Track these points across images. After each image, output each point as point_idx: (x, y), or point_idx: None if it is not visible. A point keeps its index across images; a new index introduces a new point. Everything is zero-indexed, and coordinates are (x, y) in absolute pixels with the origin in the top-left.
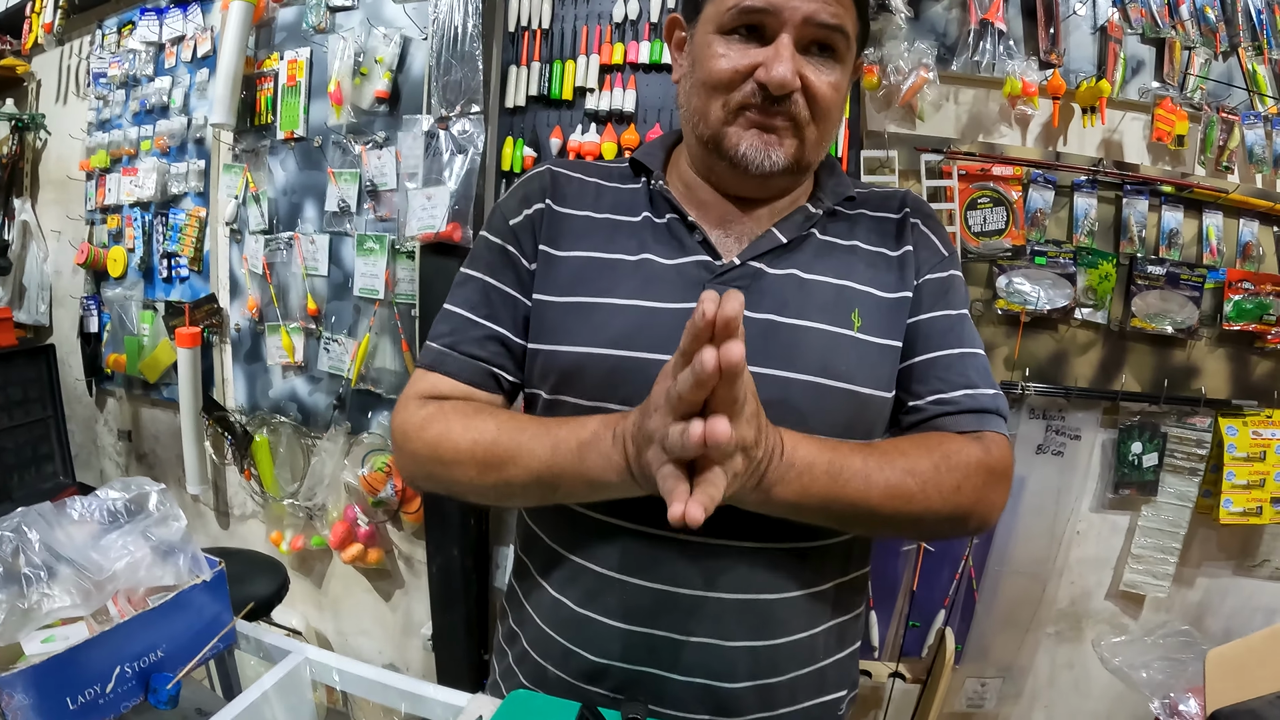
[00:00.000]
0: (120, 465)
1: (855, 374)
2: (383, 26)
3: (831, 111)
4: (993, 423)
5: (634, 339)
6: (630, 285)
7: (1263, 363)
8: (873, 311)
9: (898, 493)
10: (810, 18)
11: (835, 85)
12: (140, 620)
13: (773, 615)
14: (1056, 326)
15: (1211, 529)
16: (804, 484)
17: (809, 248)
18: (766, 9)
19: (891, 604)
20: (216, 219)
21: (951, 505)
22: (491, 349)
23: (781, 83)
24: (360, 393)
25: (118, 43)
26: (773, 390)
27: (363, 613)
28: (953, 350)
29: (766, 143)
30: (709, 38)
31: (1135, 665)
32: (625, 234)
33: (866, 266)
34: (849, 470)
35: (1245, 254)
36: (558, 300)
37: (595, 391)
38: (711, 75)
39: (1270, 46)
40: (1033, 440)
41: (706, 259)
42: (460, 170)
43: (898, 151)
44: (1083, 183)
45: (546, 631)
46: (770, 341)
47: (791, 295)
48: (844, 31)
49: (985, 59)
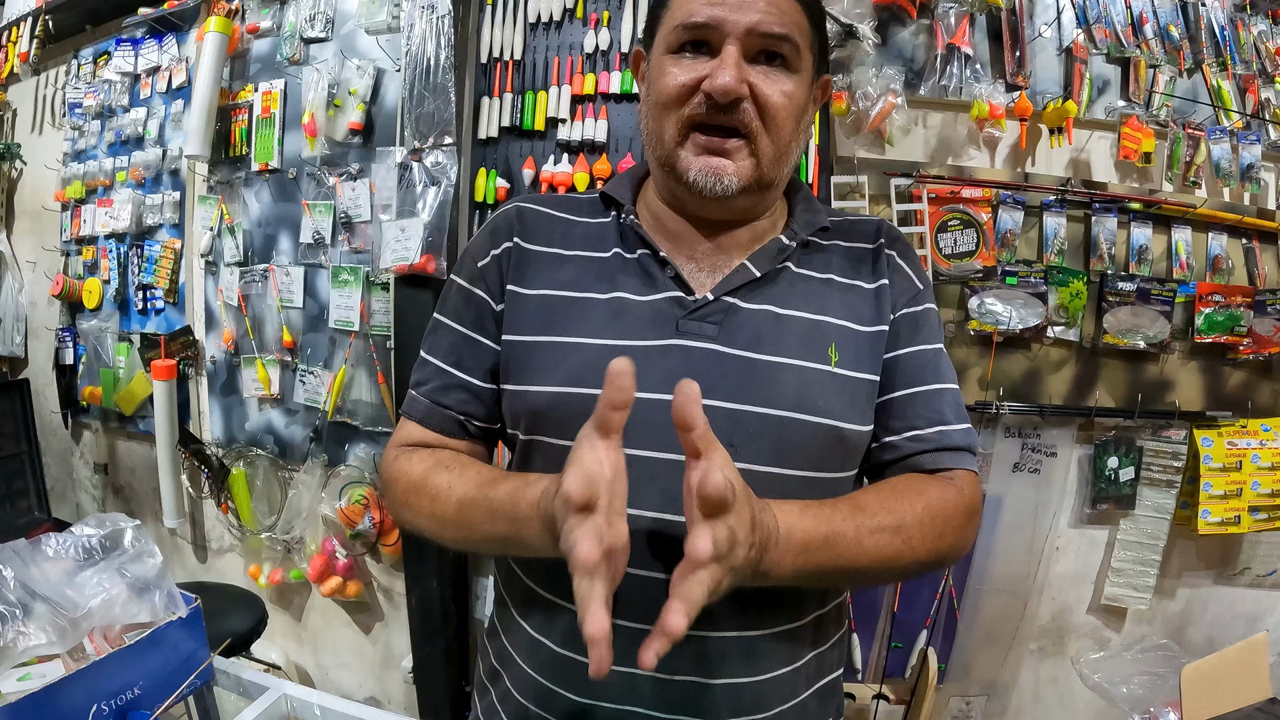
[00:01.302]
0: (96, 499)
1: (833, 409)
2: (356, 58)
3: (784, 120)
4: (964, 460)
5: None
6: (602, 323)
7: (1235, 374)
8: (849, 345)
9: (887, 553)
10: (754, 28)
11: (787, 94)
12: (117, 658)
13: (754, 652)
14: (1029, 345)
15: (1190, 540)
16: (801, 563)
17: (783, 281)
18: (708, 24)
19: (873, 626)
20: (192, 251)
21: (934, 553)
22: (458, 397)
23: (724, 89)
24: (337, 425)
25: (93, 73)
26: (748, 426)
27: (343, 646)
28: (928, 386)
29: (717, 168)
30: (661, 59)
31: (1115, 681)
32: (595, 271)
33: (842, 300)
34: (843, 541)
35: (1215, 267)
36: (527, 340)
37: (567, 432)
38: (662, 93)
39: (1234, 62)
40: (1009, 458)
41: (679, 295)
42: (434, 202)
43: (868, 176)
44: (1051, 202)
45: (528, 672)
46: (747, 378)
47: (767, 331)
48: (791, 40)
49: (952, 83)
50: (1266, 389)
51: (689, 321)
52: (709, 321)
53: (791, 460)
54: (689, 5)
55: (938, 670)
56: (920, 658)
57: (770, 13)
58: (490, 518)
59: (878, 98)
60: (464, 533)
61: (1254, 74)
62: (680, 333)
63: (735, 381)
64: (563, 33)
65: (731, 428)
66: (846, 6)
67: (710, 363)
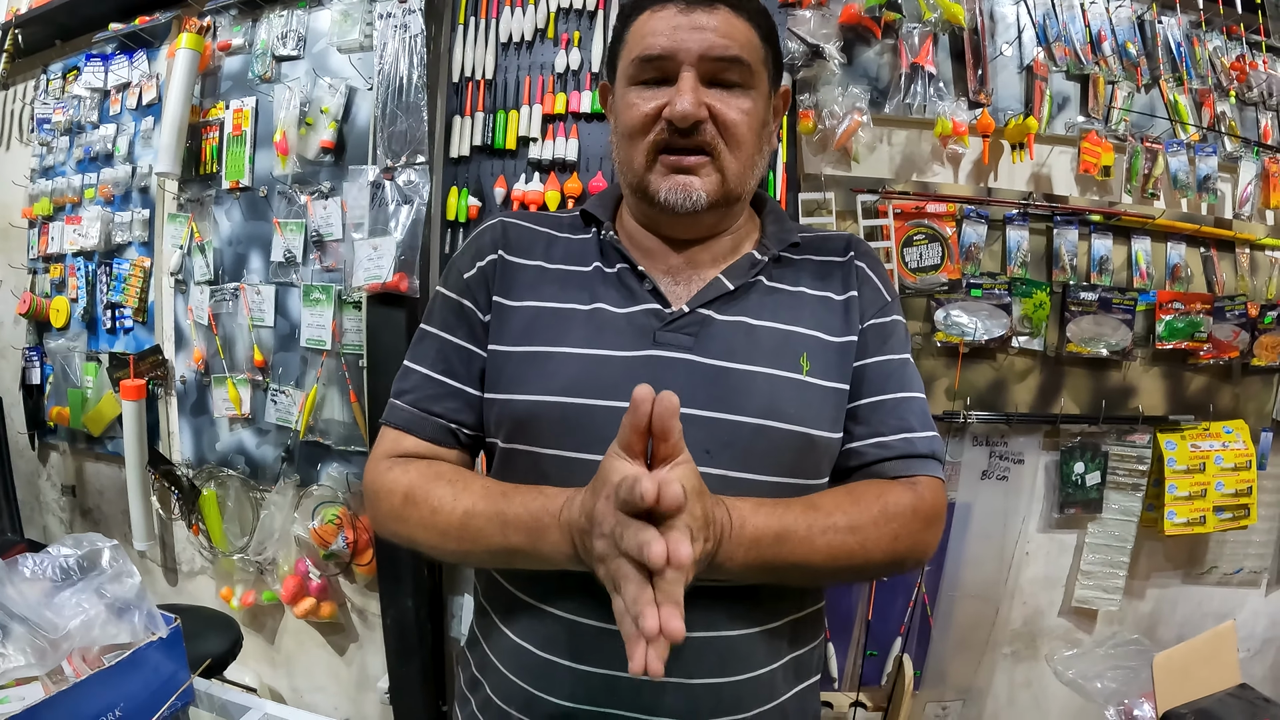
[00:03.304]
0: (64, 521)
1: (803, 416)
2: (328, 77)
3: (744, 135)
4: (928, 466)
5: (586, 386)
6: (582, 334)
7: (1196, 378)
8: (820, 355)
9: (839, 551)
10: (706, 53)
11: (745, 110)
12: (97, 679)
13: (733, 652)
14: (995, 356)
15: (1157, 541)
16: (752, 556)
17: (756, 294)
18: (663, 55)
19: (848, 634)
20: (161, 269)
21: (889, 554)
22: (449, 406)
23: (684, 114)
24: (309, 444)
25: (62, 88)
26: (723, 434)
27: (317, 668)
28: (893, 395)
29: (685, 185)
30: (624, 91)
31: (1089, 676)
32: (577, 284)
33: (813, 311)
34: (794, 538)
35: (1174, 276)
36: (511, 350)
37: (549, 439)
38: (628, 123)
39: (1190, 77)
40: (977, 467)
41: (656, 307)
42: (406, 220)
43: (834, 193)
44: (1014, 216)
45: (509, 678)
46: (719, 386)
47: (740, 341)
48: (743, 62)
49: (917, 101)
50: (1227, 392)
51: (665, 333)
52: (685, 333)
53: (764, 466)
54: (644, 39)
55: (913, 676)
56: (896, 664)
57: (721, 37)
58: (503, 530)
59: (844, 116)
60: (468, 545)
61: (1209, 88)
62: (657, 343)
63: (710, 390)
64: (534, 53)
65: (706, 435)
66: (813, 27)
67: (686, 372)
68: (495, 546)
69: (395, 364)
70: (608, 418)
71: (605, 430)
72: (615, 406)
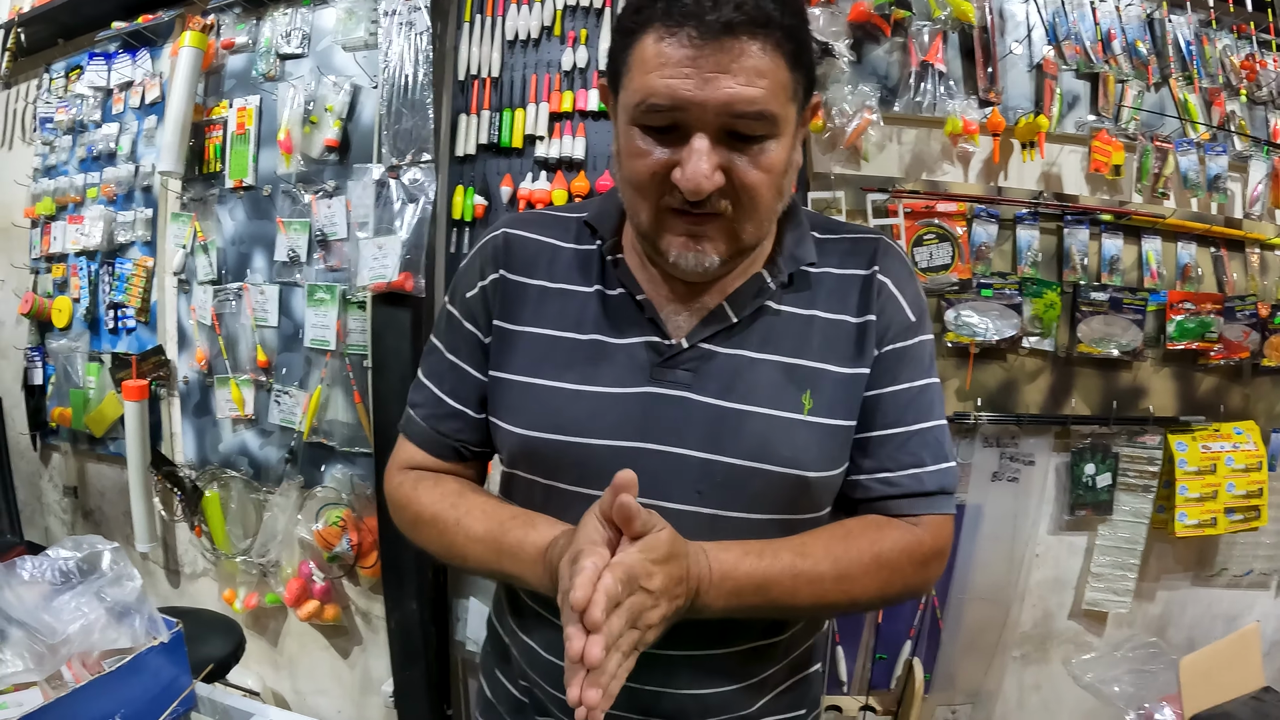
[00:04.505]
0: (66, 523)
1: (798, 459)
2: (333, 75)
3: (764, 194)
4: (934, 504)
5: (581, 425)
6: (580, 368)
7: (1207, 379)
8: (825, 390)
9: (824, 601)
10: (725, 109)
11: (769, 165)
12: (96, 685)
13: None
14: (1005, 356)
15: (1168, 543)
16: (732, 604)
17: (762, 324)
18: (675, 106)
19: (857, 637)
20: (164, 269)
21: (880, 598)
22: (453, 425)
23: (695, 190)
24: (313, 445)
25: (65, 87)
26: (715, 474)
27: (320, 671)
28: (907, 427)
29: (698, 248)
30: (627, 129)
31: (1107, 680)
32: (578, 308)
33: (823, 340)
34: (777, 588)
35: (1184, 275)
36: (510, 379)
37: (545, 471)
38: (632, 176)
39: (1199, 76)
40: (988, 469)
41: (655, 340)
42: (412, 219)
43: (844, 192)
44: (1024, 215)
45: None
46: (716, 427)
47: (739, 378)
48: (768, 116)
49: (926, 99)
50: (1237, 393)
51: (663, 369)
52: (683, 369)
53: (759, 506)
54: (649, 80)
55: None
56: (906, 668)
57: (744, 86)
58: (498, 557)
59: (853, 115)
60: (472, 565)
61: (1219, 87)
62: (654, 380)
63: (704, 431)
64: (540, 50)
65: (699, 476)
66: (822, 25)
67: (682, 411)
68: (492, 570)
69: (400, 364)
70: (603, 455)
71: (600, 466)
72: (610, 445)
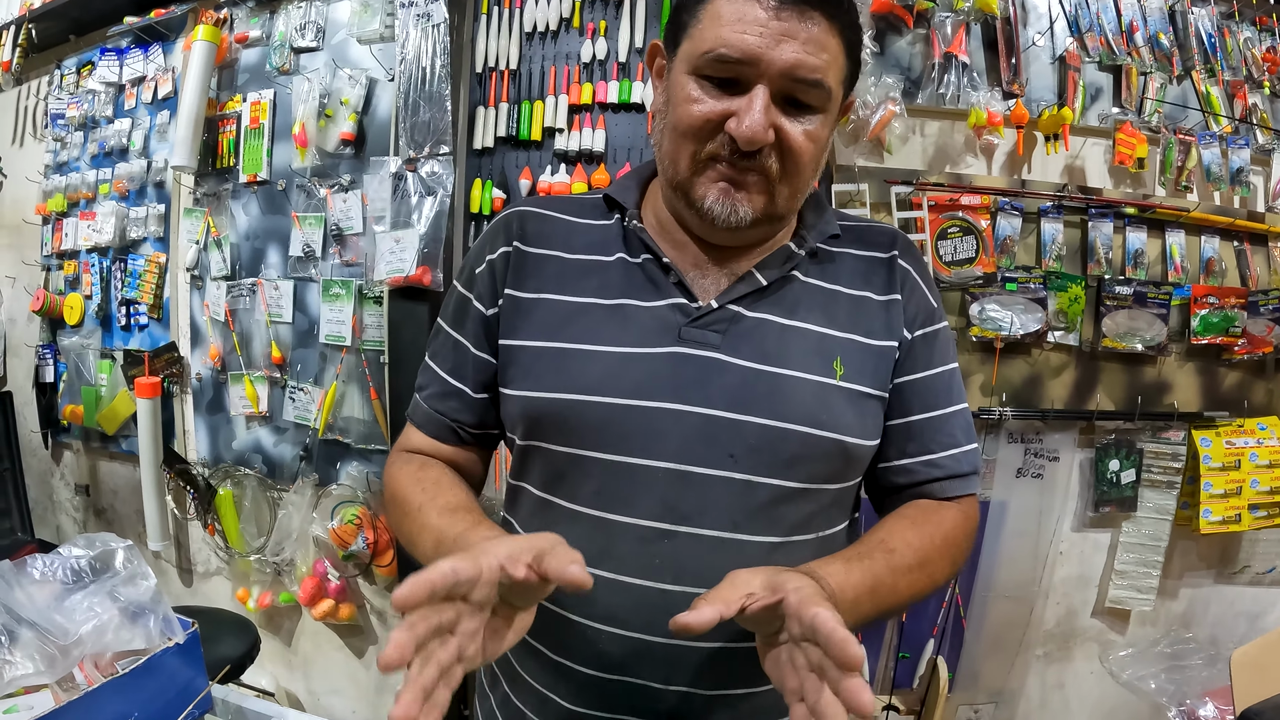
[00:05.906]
0: (78, 521)
1: (839, 423)
2: (348, 68)
3: (805, 163)
4: (969, 484)
5: (608, 385)
6: (604, 330)
7: (1231, 374)
8: (855, 359)
9: (917, 590)
10: (789, 71)
11: (814, 136)
12: (110, 688)
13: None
14: (1030, 351)
15: (1191, 540)
16: (853, 618)
17: (790, 292)
18: (743, 60)
19: (880, 637)
20: (177, 265)
21: (949, 577)
22: (451, 404)
23: (751, 138)
24: (328, 443)
25: (77, 83)
26: (750, 438)
27: (335, 671)
28: (941, 411)
29: (734, 197)
30: (684, 78)
31: (1143, 676)
32: (599, 276)
33: (850, 312)
34: (884, 588)
35: (1208, 270)
36: (528, 344)
37: (567, 438)
38: (682, 121)
39: (1222, 68)
40: (1012, 464)
41: (683, 302)
42: (429, 212)
43: (868, 185)
44: (1049, 208)
45: (524, 677)
46: (750, 389)
47: (771, 342)
48: (824, 86)
49: (950, 91)
50: (1261, 388)
51: (692, 329)
52: (712, 330)
53: (793, 473)
54: (721, 32)
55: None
56: (929, 667)
57: (810, 55)
58: (437, 548)
59: (877, 106)
60: (419, 554)
61: (1241, 80)
62: (683, 340)
63: (737, 392)
64: (559, 42)
65: (731, 438)
66: None
67: (712, 371)
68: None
69: (418, 360)
70: (629, 416)
71: (627, 429)
72: (634, 405)
